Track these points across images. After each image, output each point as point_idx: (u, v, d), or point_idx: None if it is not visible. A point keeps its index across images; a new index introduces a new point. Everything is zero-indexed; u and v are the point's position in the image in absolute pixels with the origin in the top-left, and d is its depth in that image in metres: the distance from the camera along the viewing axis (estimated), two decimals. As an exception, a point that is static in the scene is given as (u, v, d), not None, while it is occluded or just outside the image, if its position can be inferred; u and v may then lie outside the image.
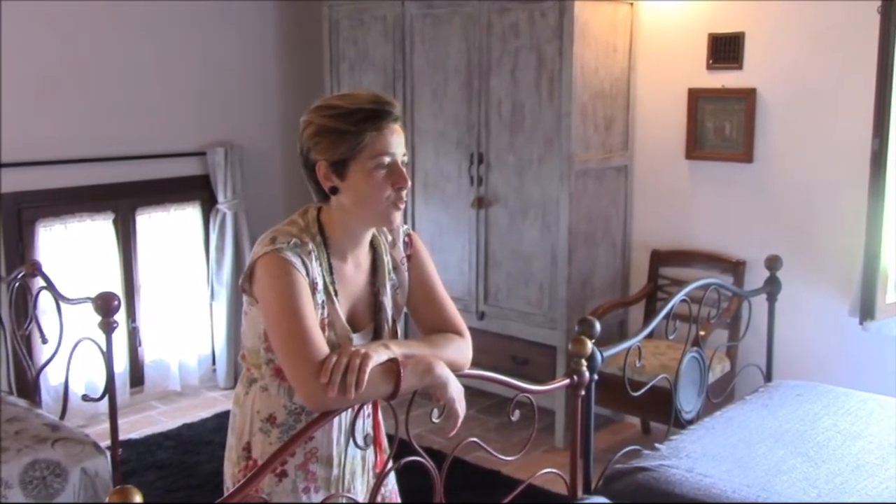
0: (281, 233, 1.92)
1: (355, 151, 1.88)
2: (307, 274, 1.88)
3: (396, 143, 1.91)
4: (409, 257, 2.12)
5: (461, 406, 1.95)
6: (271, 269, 1.86)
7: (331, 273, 1.96)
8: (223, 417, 4.72)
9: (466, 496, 3.71)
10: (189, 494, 3.92)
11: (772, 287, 3.72)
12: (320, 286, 1.92)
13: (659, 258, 4.58)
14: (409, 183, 1.95)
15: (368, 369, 1.79)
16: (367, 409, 2.08)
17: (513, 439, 4.40)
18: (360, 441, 2.01)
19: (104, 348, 3.04)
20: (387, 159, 1.90)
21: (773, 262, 3.71)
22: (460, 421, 1.96)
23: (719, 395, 3.74)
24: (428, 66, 4.69)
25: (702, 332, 3.47)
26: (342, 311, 1.98)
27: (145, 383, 5.08)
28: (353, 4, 4.98)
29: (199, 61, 5.13)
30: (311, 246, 1.92)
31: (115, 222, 4.83)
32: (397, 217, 1.96)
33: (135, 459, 4.22)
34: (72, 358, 3.31)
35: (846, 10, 3.87)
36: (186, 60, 5.07)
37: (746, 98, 4.19)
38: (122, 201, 4.85)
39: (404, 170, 1.93)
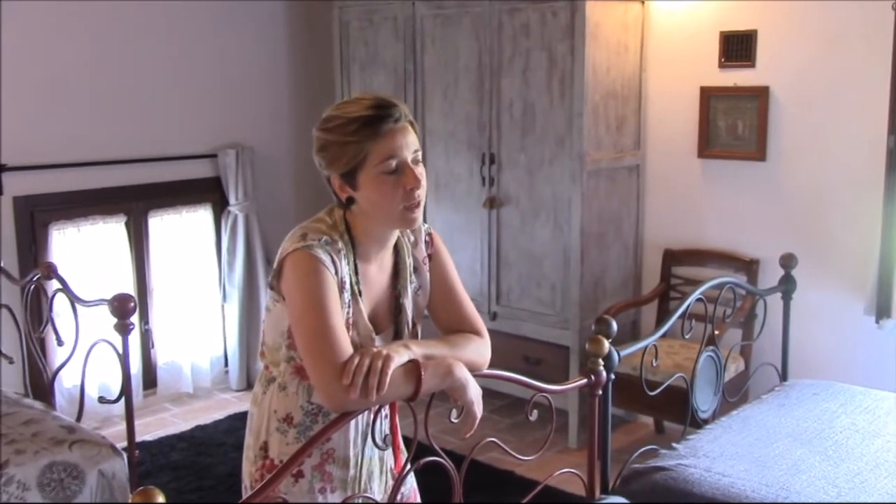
0: (311, 230, 1.92)
1: (359, 161, 1.87)
2: (336, 272, 1.88)
3: (401, 144, 1.89)
4: (430, 256, 2.12)
5: (479, 408, 1.95)
6: (301, 266, 1.85)
7: (356, 273, 1.96)
8: (236, 419, 4.74)
9: (481, 496, 3.70)
10: (202, 496, 3.93)
11: (787, 285, 3.70)
12: (347, 285, 1.92)
13: (671, 258, 4.57)
14: (422, 181, 1.91)
15: (390, 371, 1.78)
16: (385, 409, 2.08)
17: (526, 439, 4.40)
18: (379, 441, 2.01)
19: (120, 350, 3.04)
20: (393, 163, 1.87)
21: (787, 261, 3.69)
22: (477, 423, 1.96)
23: (734, 394, 3.72)
24: (438, 67, 4.69)
25: (716, 332, 3.46)
26: (365, 311, 1.98)
27: (158, 385, 5.09)
28: (364, 5, 4.98)
29: (210, 63, 5.14)
30: (340, 244, 1.92)
31: (127, 225, 4.85)
32: (417, 217, 1.94)
33: (149, 461, 4.23)
34: (88, 360, 3.31)
35: (859, 8, 3.85)
36: (197, 63, 5.08)
37: (759, 96, 4.18)
38: (134, 204, 4.86)
39: (416, 168, 1.90)
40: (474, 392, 1.94)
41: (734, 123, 4.29)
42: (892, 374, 3.87)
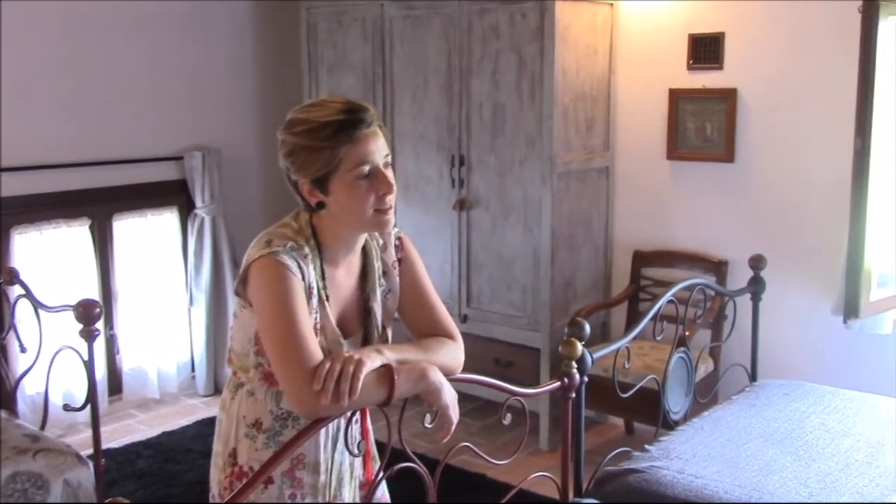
0: (276, 235, 1.89)
1: (332, 166, 1.84)
2: (303, 278, 1.86)
3: (374, 148, 1.87)
4: (400, 261, 2.10)
5: (454, 413, 1.94)
6: (267, 273, 1.82)
7: (323, 278, 1.94)
8: (203, 425, 4.68)
9: (453, 500, 3.67)
10: (171, 504, 3.87)
11: (756, 286, 3.72)
12: (315, 290, 1.90)
13: (641, 259, 4.58)
14: (394, 186, 1.91)
15: (362, 376, 1.76)
16: (357, 414, 2.05)
17: (497, 442, 4.39)
18: (354, 449, 1.98)
19: (85, 357, 2.98)
20: (367, 168, 1.86)
21: (757, 262, 3.71)
22: (453, 428, 1.94)
23: (705, 395, 3.74)
24: (408, 68, 4.67)
25: (687, 333, 3.47)
26: (333, 316, 1.95)
27: (123, 391, 5.01)
28: (332, 7, 4.94)
29: (176, 65, 5.08)
30: (306, 249, 1.89)
31: (91, 228, 4.76)
32: (389, 221, 1.93)
33: (114, 469, 4.15)
34: (52, 367, 3.25)
35: (826, 10, 3.89)
36: (163, 64, 5.02)
37: (727, 98, 4.20)
38: (98, 207, 4.78)
39: (388, 172, 1.89)
40: (449, 396, 1.92)
41: (703, 125, 4.31)
42: (860, 373, 3.91)
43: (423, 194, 4.68)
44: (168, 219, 5.15)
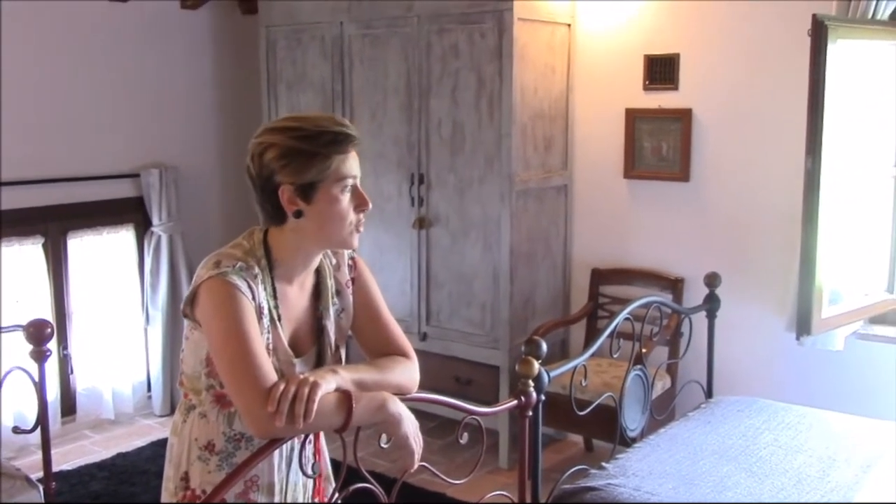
0: (225, 256, 1.88)
1: (323, 175, 1.86)
2: (253, 298, 1.84)
3: (356, 165, 1.93)
4: (353, 280, 2.10)
5: (416, 442, 1.93)
6: (216, 294, 1.81)
7: (275, 297, 1.92)
8: (159, 446, 4.61)
9: (412, 520, 3.67)
10: (125, 526, 3.81)
11: (711, 304, 3.77)
12: (265, 310, 1.88)
13: (599, 276, 4.61)
14: (371, 205, 1.95)
15: (318, 398, 1.75)
16: (310, 435, 2.04)
17: (457, 460, 4.37)
18: (308, 470, 1.96)
19: (36, 378, 2.92)
20: (350, 181, 1.90)
21: (712, 279, 3.76)
22: (417, 457, 1.93)
23: (661, 412, 3.77)
24: (367, 86, 4.67)
25: (643, 350, 3.50)
26: (285, 335, 1.94)
27: (77, 412, 4.93)
28: (291, 24, 4.94)
29: (133, 81, 5.04)
30: (256, 269, 1.88)
31: (44, 246, 4.70)
32: (357, 241, 1.96)
33: (68, 492, 4.08)
34: (2, 388, 3.18)
35: (778, 33, 3.97)
36: (119, 80, 4.97)
37: (682, 118, 4.26)
38: (52, 224, 4.72)
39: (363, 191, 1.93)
40: (410, 426, 1.91)
41: (659, 145, 4.36)
42: (812, 389, 3.96)
43: (382, 212, 4.67)
44: (124, 237, 5.10)
